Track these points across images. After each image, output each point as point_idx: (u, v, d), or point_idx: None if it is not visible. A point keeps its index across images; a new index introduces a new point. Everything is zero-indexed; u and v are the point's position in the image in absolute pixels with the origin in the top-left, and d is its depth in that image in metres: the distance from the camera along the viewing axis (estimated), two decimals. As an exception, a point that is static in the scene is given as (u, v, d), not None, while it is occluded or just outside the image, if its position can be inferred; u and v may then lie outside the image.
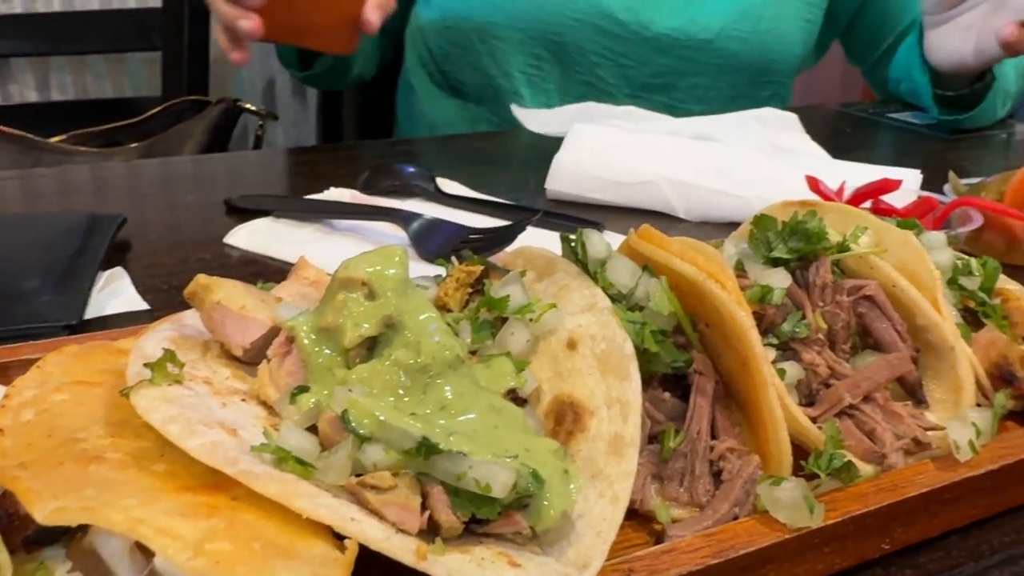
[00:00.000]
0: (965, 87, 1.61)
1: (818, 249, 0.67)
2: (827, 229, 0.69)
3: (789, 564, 0.52)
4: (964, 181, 1.10)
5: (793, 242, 0.68)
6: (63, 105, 2.54)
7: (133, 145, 1.94)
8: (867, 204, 0.99)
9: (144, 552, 0.42)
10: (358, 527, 0.42)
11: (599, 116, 1.45)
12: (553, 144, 1.25)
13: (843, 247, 0.70)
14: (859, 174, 1.10)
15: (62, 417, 0.50)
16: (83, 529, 0.44)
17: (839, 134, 1.59)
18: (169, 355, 0.50)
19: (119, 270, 0.95)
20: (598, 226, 1.06)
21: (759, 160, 1.22)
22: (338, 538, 0.43)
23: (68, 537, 0.47)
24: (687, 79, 1.63)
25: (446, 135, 1.62)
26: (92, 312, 0.86)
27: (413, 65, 1.81)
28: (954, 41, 1.52)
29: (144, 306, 0.89)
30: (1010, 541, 0.59)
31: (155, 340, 0.53)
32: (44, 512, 0.41)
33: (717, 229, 1.14)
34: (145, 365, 0.49)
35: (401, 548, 0.43)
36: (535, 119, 1.52)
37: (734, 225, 0.85)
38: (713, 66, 1.65)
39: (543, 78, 1.66)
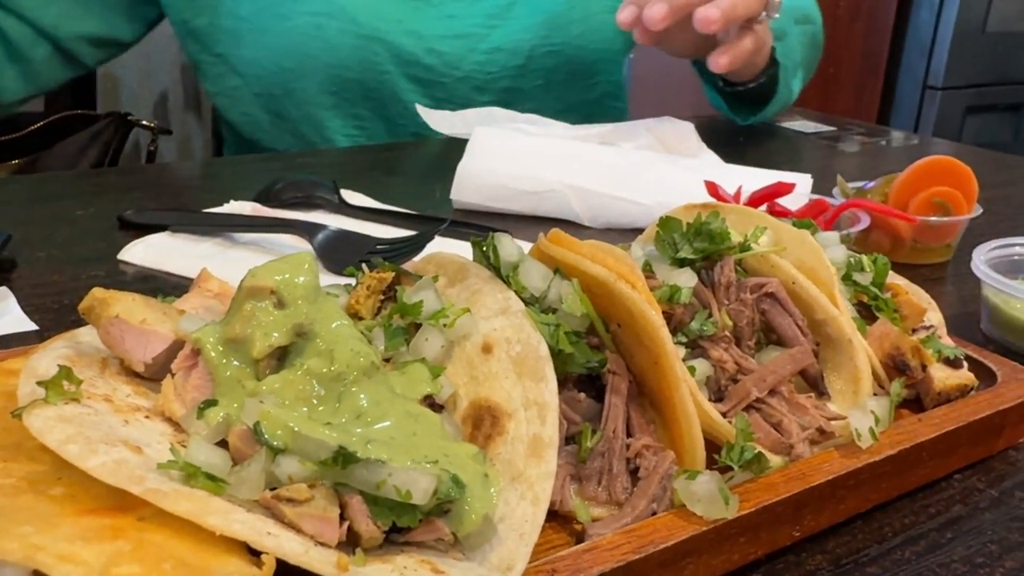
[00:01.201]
0: (756, 78, 1.58)
1: (722, 249, 0.69)
2: (729, 230, 0.71)
3: (707, 556, 0.53)
4: (851, 184, 1.15)
5: (698, 242, 0.69)
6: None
7: (14, 162, 1.85)
8: (763, 207, 1.02)
9: (43, 581, 0.39)
10: (275, 541, 0.41)
11: (502, 119, 1.45)
12: (457, 155, 1.25)
13: (745, 247, 0.72)
14: (754, 179, 1.13)
15: (-54, 443, 0.46)
16: (-26, 561, 0.41)
17: (732, 142, 1.65)
18: (65, 372, 0.47)
19: (3, 290, 0.90)
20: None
21: (660, 166, 1.25)
22: (254, 554, 0.42)
23: (-44, 571, 0.44)
24: (515, 107, 1.52)
25: (349, 147, 1.60)
26: (-26, 335, 0.81)
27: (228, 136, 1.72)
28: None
29: (32, 327, 0.85)
30: (910, 523, 0.62)
31: (48, 358, 0.50)
32: (-70, 544, 0.38)
33: (621, 235, 1.16)
34: (39, 383, 0.46)
35: (320, 561, 0.41)
36: (439, 120, 1.51)
37: (638, 231, 0.87)
38: (536, 88, 1.61)
39: (368, 136, 1.61)
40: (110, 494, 0.42)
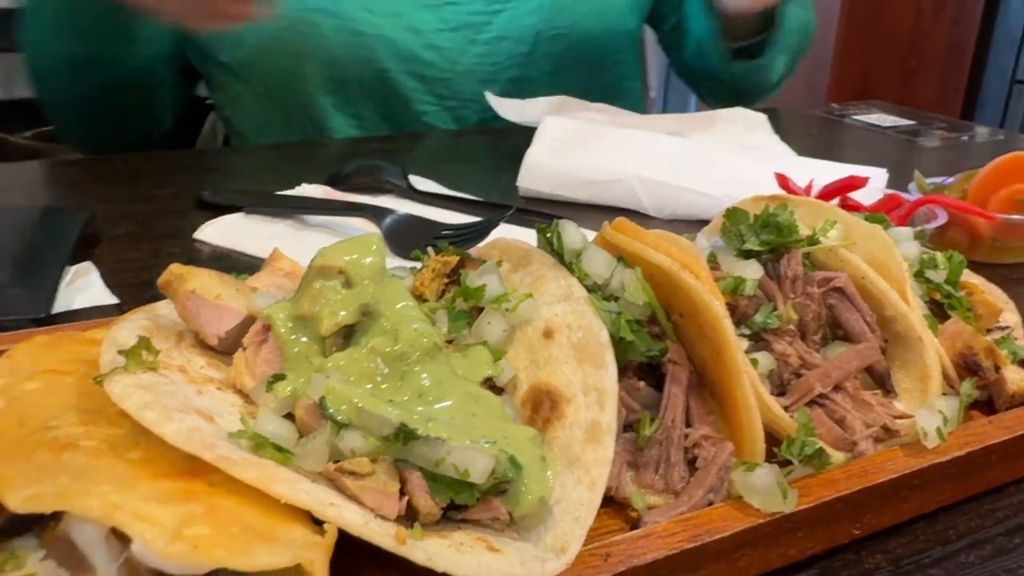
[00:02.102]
0: (750, 37, 1.54)
1: (789, 242, 0.68)
2: (797, 223, 0.70)
3: (763, 548, 0.53)
4: (929, 180, 1.12)
5: (765, 235, 0.69)
6: (28, 103, 2.50)
7: (99, 143, 1.92)
8: (835, 201, 1.00)
9: (120, 539, 0.41)
10: (337, 512, 0.42)
11: (573, 108, 1.45)
12: (525, 143, 1.25)
13: (813, 240, 0.71)
14: (826, 172, 1.11)
15: (33, 406, 0.49)
16: (56, 517, 0.44)
17: (805, 135, 1.61)
18: (144, 342, 0.49)
19: (88, 264, 0.94)
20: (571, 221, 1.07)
21: (729, 158, 1.24)
22: (317, 524, 0.43)
23: (40, 527, 0.47)
24: (527, 96, 1.46)
25: (418, 133, 1.62)
26: (60, 306, 0.85)
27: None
28: None
29: (113, 300, 0.88)
30: (975, 526, 0.60)
31: (129, 329, 0.53)
32: (18, 499, 0.40)
33: (687, 227, 1.14)
34: (119, 352, 0.49)
35: (380, 533, 0.43)
36: (508, 107, 1.51)
37: (703, 223, 0.86)
38: (545, 75, 1.54)
39: (368, 134, 1.55)
40: (183, 459, 0.43)
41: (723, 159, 1.24)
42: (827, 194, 1.01)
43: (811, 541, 0.55)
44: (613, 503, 0.56)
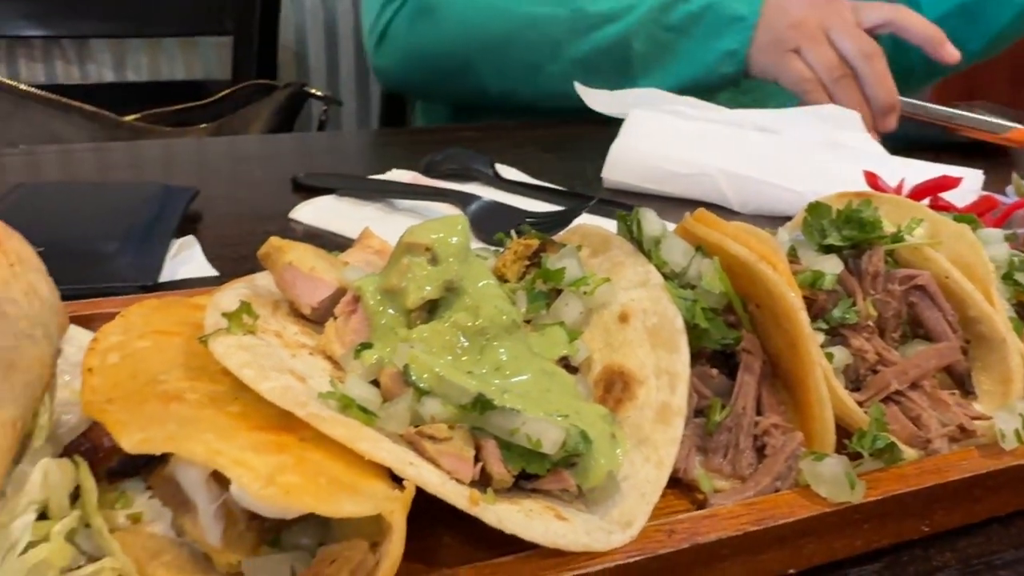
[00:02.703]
0: None
1: (872, 238, 0.68)
2: (882, 219, 0.70)
3: (828, 538, 0.53)
4: (1028, 183, 1.09)
5: (847, 230, 0.69)
6: (138, 86, 2.63)
7: (203, 125, 2.02)
8: (925, 201, 0.98)
9: (219, 482, 0.45)
10: (416, 471, 0.45)
11: (661, 101, 1.45)
12: (611, 136, 1.26)
13: (897, 237, 0.70)
14: (919, 172, 1.09)
15: (144, 362, 0.53)
16: (163, 461, 0.48)
17: (900, 134, 1.57)
18: (245, 307, 0.53)
19: (191, 238, 1.00)
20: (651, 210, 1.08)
21: (818, 154, 1.22)
22: (396, 482, 0.46)
23: (146, 471, 0.51)
24: None
25: (506, 122, 1.64)
26: (165, 276, 0.91)
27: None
28: None
29: (213, 272, 0.93)
30: (1053, 532, 0.59)
31: (231, 294, 0.57)
32: (131, 441, 0.44)
33: (770, 222, 1.14)
34: (223, 315, 0.52)
35: (455, 493, 0.45)
36: (597, 98, 1.52)
37: (788, 219, 0.86)
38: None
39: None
40: (277, 415, 0.47)
41: (811, 155, 1.23)
42: (918, 194, 1.00)
43: (878, 535, 0.55)
44: (680, 485, 0.57)
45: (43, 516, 0.47)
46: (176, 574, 0.46)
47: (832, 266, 0.65)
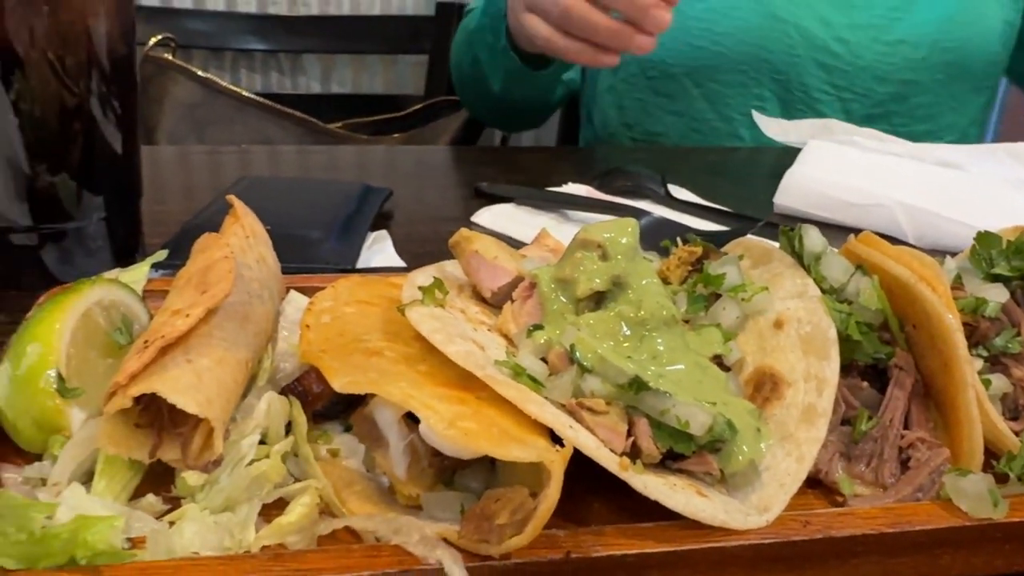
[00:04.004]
0: None
1: (1042, 270, 0.68)
2: (1056, 254, 0.69)
3: (966, 552, 0.55)
4: None
5: (1016, 261, 0.69)
6: (341, 97, 2.87)
7: (396, 135, 2.18)
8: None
9: (408, 424, 0.53)
10: (575, 434, 0.51)
11: (840, 132, 1.45)
12: (786, 165, 1.28)
13: (1071, 272, 0.70)
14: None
15: (350, 324, 0.62)
16: (363, 404, 0.56)
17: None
18: (437, 283, 0.61)
19: (383, 233, 1.10)
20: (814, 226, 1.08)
21: (1001, 192, 1.19)
22: (556, 443, 0.52)
23: (344, 415, 0.60)
24: (909, 102, 1.61)
25: (680, 146, 1.68)
26: (361, 263, 1.02)
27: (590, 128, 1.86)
28: None
29: (401, 264, 1.03)
30: None
31: (425, 274, 0.65)
32: (341, 382, 0.53)
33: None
34: (419, 288, 0.61)
35: (608, 458, 0.51)
36: (775, 127, 1.53)
37: (964, 254, 0.85)
38: (934, 82, 1.63)
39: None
40: (459, 377, 0.54)
41: (996, 192, 1.19)
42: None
43: (1020, 557, 0.56)
44: (821, 487, 0.60)
45: (262, 442, 0.56)
46: (364, 502, 0.54)
47: (997, 294, 0.66)
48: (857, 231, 1.19)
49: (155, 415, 0.53)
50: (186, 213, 1.07)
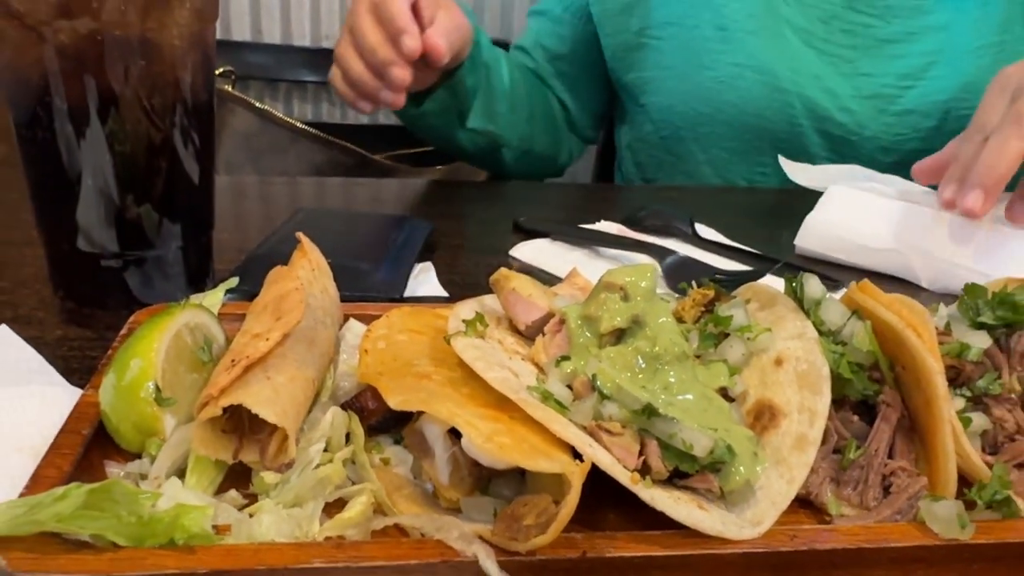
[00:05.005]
0: None
1: (1022, 320, 0.75)
2: (1038, 305, 0.76)
3: (937, 569, 0.62)
4: None
5: (1000, 311, 0.76)
6: (387, 128, 2.99)
7: (439, 167, 2.29)
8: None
9: (452, 439, 0.62)
10: (593, 451, 0.60)
11: (862, 178, 1.51)
12: (808, 206, 1.35)
13: (1050, 323, 0.77)
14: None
15: (402, 350, 0.71)
16: (413, 420, 0.65)
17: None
18: (479, 317, 0.70)
19: (428, 264, 1.20)
20: (837, 283, 1.16)
21: (1020, 242, 1.24)
22: (576, 459, 0.60)
23: (396, 430, 0.69)
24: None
25: (709, 186, 1.76)
26: (408, 292, 1.11)
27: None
28: None
29: (445, 294, 1.13)
30: None
31: (468, 307, 0.74)
32: (395, 401, 0.62)
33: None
34: (463, 321, 0.70)
35: (621, 473, 0.59)
36: (800, 172, 1.59)
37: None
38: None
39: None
40: (495, 400, 0.63)
41: (1013, 241, 1.25)
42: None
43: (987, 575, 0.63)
44: (812, 507, 0.68)
45: (326, 449, 0.66)
46: (411, 503, 0.63)
47: (979, 340, 0.74)
48: (874, 274, 1.28)
49: (238, 422, 0.63)
50: (241, 241, 1.18)
